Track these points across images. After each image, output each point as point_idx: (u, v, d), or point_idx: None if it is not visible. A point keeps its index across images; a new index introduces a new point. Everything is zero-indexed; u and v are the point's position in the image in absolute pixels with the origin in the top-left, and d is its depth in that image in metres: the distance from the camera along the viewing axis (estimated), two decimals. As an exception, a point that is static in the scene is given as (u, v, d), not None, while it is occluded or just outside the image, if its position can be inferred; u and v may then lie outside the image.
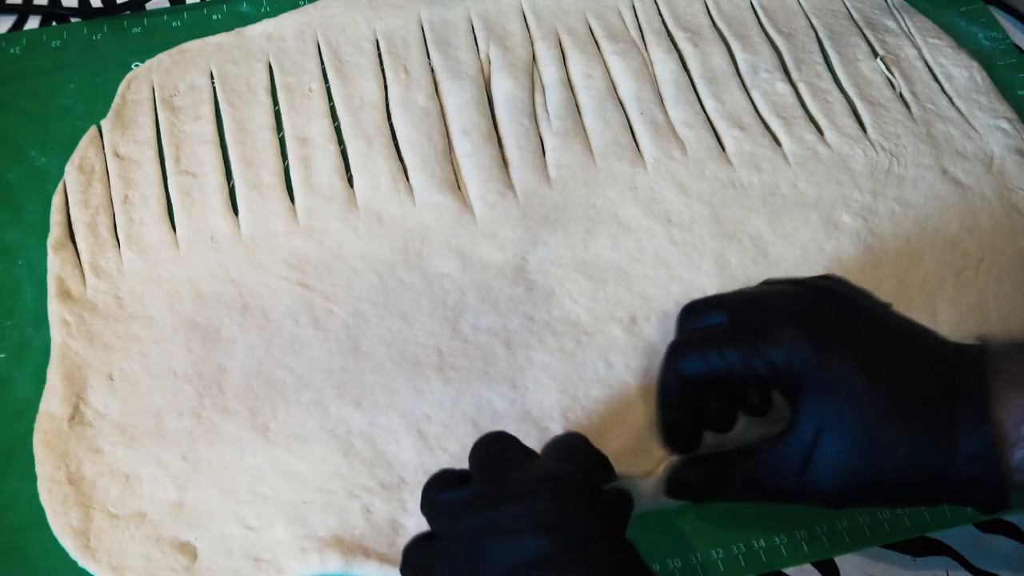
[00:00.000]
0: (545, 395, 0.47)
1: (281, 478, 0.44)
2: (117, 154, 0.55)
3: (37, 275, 0.51)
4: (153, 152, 0.55)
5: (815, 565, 0.44)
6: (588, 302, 0.50)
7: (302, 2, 0.63)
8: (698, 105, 0.58)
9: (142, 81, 0.58)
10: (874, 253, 0.52)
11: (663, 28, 0.62)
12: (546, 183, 0.54)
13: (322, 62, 0.59)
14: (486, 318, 0.49)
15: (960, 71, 0.60)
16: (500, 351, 0.48)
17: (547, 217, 0.53)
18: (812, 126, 0.57)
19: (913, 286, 0.51)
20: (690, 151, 0.56)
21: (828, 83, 0.59)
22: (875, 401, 0.35)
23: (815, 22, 0.63)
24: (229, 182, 0.54)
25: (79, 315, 0.49)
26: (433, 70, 0.59)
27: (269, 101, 0.57)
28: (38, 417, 0.46)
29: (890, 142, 0.56)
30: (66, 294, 0.49)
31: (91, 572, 0.42)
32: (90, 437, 0.45)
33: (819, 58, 0.61)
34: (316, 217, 0.52)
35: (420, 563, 0.36)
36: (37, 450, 0.45)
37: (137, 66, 0.59)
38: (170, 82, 0.58)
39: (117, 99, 0.57)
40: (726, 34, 0.62)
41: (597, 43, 0.61)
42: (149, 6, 0.63)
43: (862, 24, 0.63)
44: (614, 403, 0.47)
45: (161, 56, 0.59)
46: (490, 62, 0.59)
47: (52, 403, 0.46)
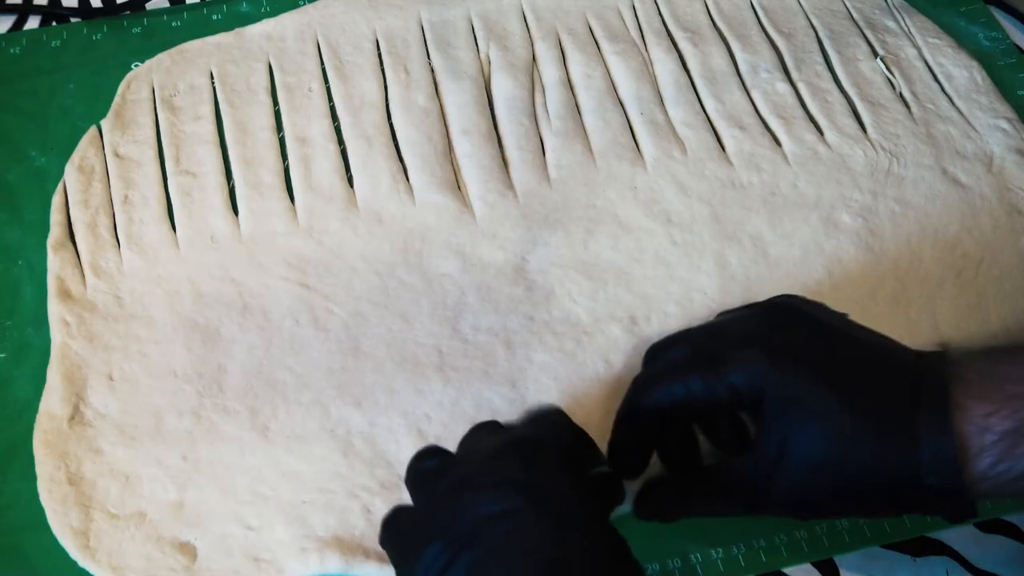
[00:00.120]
0: (545, 395, 0.47)
1: (281, 478, 0.44)
2: (117, 154, 0.55)
3: (37, 275, 0.51)
4: (153, 152, 0.55)
5: (815, 565, 0.44)
6: (588, 302, 0.50)
7: (302, 2, 0.63)
8: (698, 105, 0.58)
9: (142, 81, 0.58)
10: (874, 253, 0.52)
11: (663, 28, 0.62)
12: (546, 183, 0.54)
13: (322, 62, 0.59)
14: (486, 318, 0.49)
15: (960, 71, 0.60)
16: (500, 351, 0.48)
17: (547, 217, 0.53)
18: (812, 126, 0.57)
19: (913, 286, 0.51)
20: (690, 151, 0.56)
21: (828, 83, 0.59)
22: (836, 413, 0.35)
23: (815, 22, 0.63)
24: (229, 182, 0.54)
25: (79, 315, 0.49)
26: (433, 70, 0.59)
27: (269, 101, 0.57)
28: (38, 417, 0.46)
29: (890, 142, 0.56)
30: (66, 294, 0.49)
31: (91, 572, 0.42)
32: (90, 437, 0.45)
33: (819, 58, 0.61)
34: (316, 217, 0.52)
35: (396, 530, 0.37)
36: (37, 450, 0.45)
37: (137, 66, 0.59)
38: (170, 82, 0.58)
39: (117, 99, 0.57)
40: (726, 34, 0.62)
41: (597, 43, 0.61)
42: (149, 6, 0.63)
43: (862, 24, 0.63)
44: (614, 403, 0.46)
45: (161, 56, 0.59)
46: (490, 62, 0.59)
47: (52, 403, 0.46)
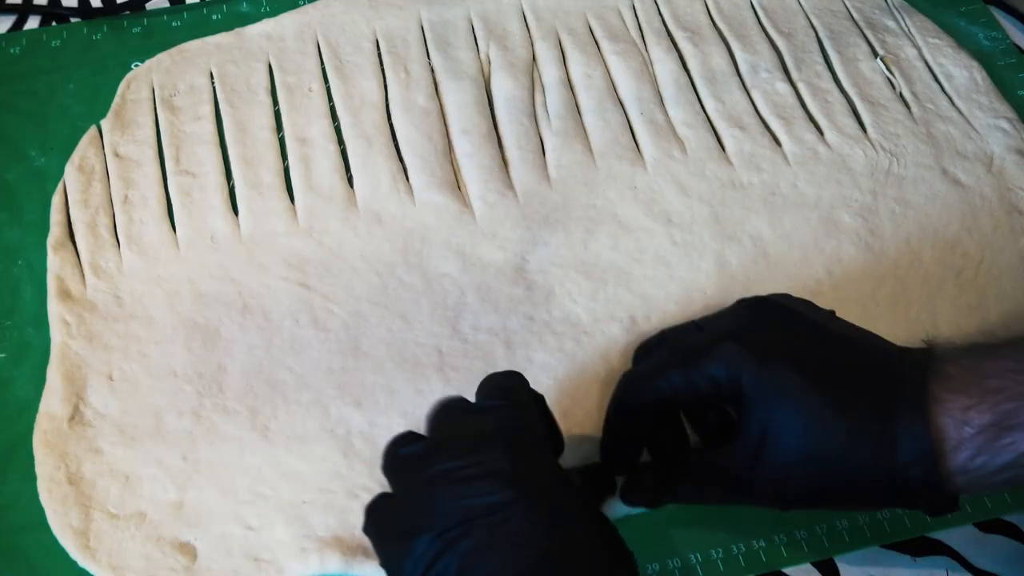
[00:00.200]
0: (545, 395, 0.46)
1: (281, 478, 0.44)
2: (117, 154, 0.55)
3: (37, 275, 0.51)
4: (153, 152, 0.55)
5: (815, 565, 0.44)
6: (588, 302, 0.50)
7: (302, 2, 0.63)
8: (698, 105, 0.58)
9: (142, 81, 0.58)
10: (874, 253, 0.52)
11: (663, 28, 0.62)
12: (546, 183, 0.54)
13: (322, 62, 0.59)
14: (486, 318, 0.49)
15: (960, 71, 0.60)
16: (500, 351, 0.48)
17: (547, 217, 0.53)
18: (812, 126, 0.57)
19: (913, 286, 0.51)
20: (690, 151, 0.56)
21: (828, 83, 0.59)
22: (815, 406, 0.35)
23: (815, 22, 0.63)
24: (229, 182, 0.54)
25: (79, 315, 0.49)
26: (433, 70, 0.59)
27: (269, 101, 0.57)
28: (38, 417, 0.46)
29: (890, 142, 0.56)
30: (66, 294, 0.49)
31: (91, 572, 0.42)
32: (90, 437, 0.45)
33: (819, 58, 0.61)
34: (316, 217, 0.52)
35: (380, 519, 0.36)
36: (37, 450, 0.45)
37: (137, 66, 0.59)
38: (170, 82, 0.58)
39: (117, 99, 0.57)
40: (726, 34, 0.62)
41: (597, 43, 0.61)
42: (149, 6, 0.63)
43: (862, 24, 0.63)
44: (614, 403, 0.47)
45: (161, 56, 0.59)
46: (490, 62, 0.59)
47: (52, 403, 0.46)
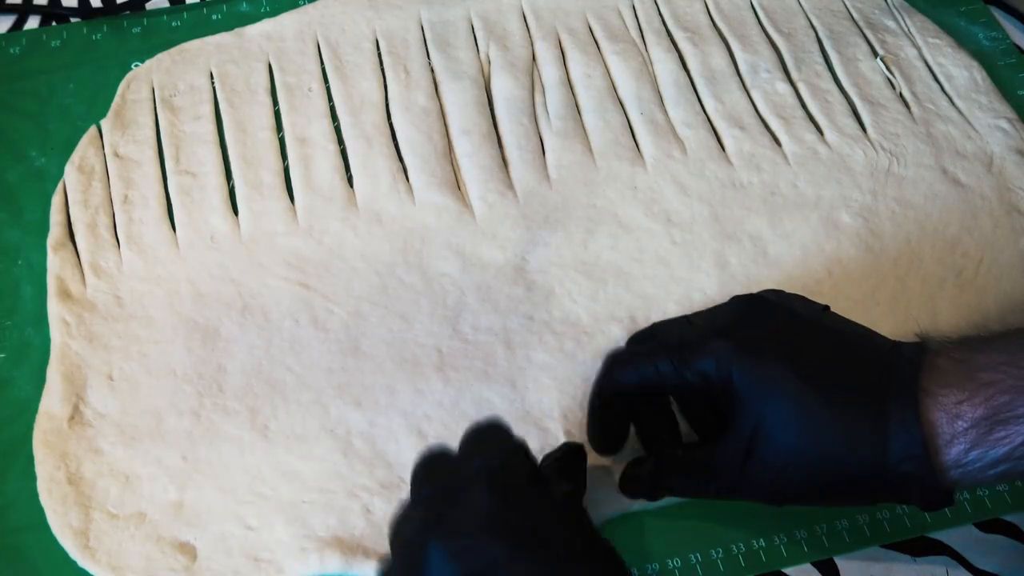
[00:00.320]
0: (545, 395, 0.47)
1: (281, 478, 0.44)
2: (117, 154, 0.55)
3: (37, 275, 0.51)
4: (153, 152, 0.55)
5: (815, 565, 0.44)
6: (588, 302, 0.50)
7: (302, 2, 0.63)
8: (698, 105, 0.58)
9: (142, 81, 0.58)
10: (874, 253, 0.52)
11: (663, 28, 0.62)
12: (546, 183, 0.54)
13: (322, 62, 0.59)
14: (486, 318, 0.49)
15: (960, 71, 0.60)
16: (500, 351, 0.48)
17: (547, 217, 0.53)
18: (812, 126, 0.57)
19: (913, 286, 0.51)
20: (690, 151, 0.56)
21: (828, 83, 0.59)
22: (807, 400, 0.35)
23: (815, 22, 0.63)
24: (229, 182, 0.54)
25: (79, 315, 0.49)
26: (433, 70, 0.59)
27: (269, 101, 0.57)
28: (38, 417, 0.46)
29: (890, 142, 0.56)
30: (66, 294, 0.49)
31: (91, 572, 0.42)
32: (90, 437, 0.45)
33: (819, 58, 0.61)
34: (316, 217, 0.52)
35: None
36: (37, 450, 0.45)
37: (137, 66, 0.59)
38: (170, 82, 0.58)
39: (117, 99, 0.57)
40: (726, 34, 0.62)
41: (597, 43, 0.61)
42: (149, 6, 0.63)
43: (862, 24, 0.63)
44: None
45: (161, 56, 0.59)
46: (490, 62, 0.59)
47: (52, 403, 0.46)
